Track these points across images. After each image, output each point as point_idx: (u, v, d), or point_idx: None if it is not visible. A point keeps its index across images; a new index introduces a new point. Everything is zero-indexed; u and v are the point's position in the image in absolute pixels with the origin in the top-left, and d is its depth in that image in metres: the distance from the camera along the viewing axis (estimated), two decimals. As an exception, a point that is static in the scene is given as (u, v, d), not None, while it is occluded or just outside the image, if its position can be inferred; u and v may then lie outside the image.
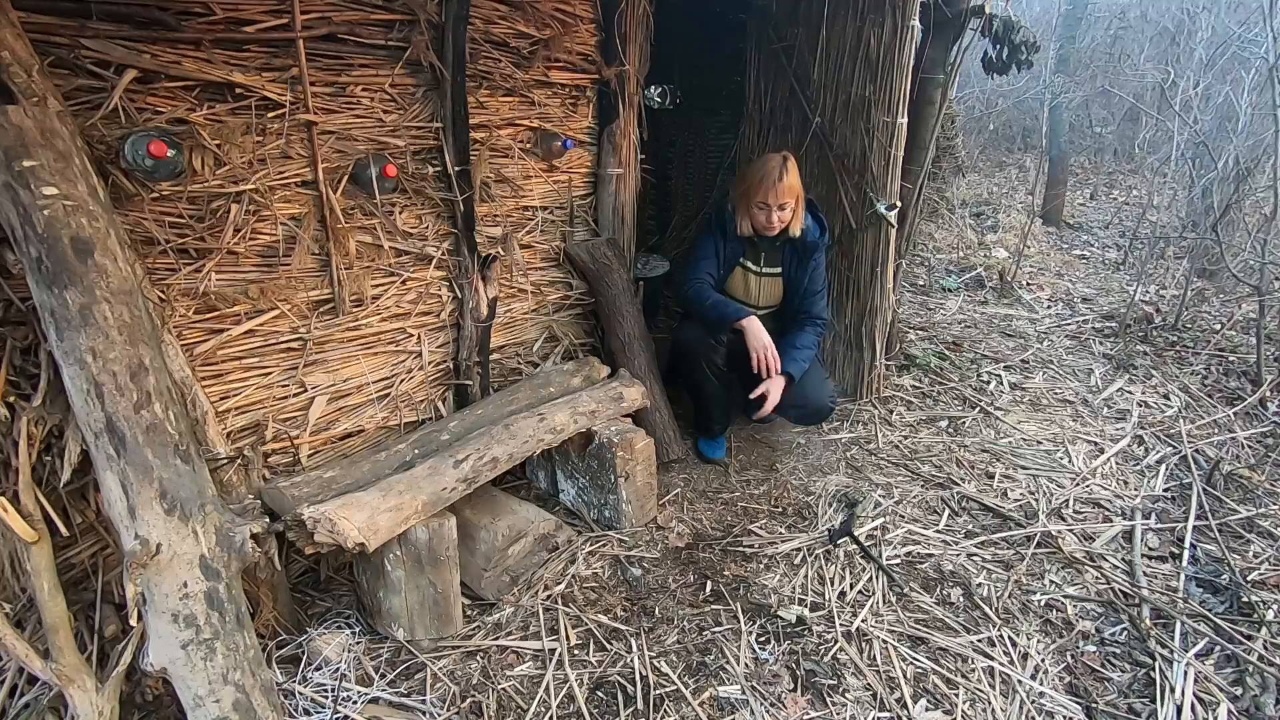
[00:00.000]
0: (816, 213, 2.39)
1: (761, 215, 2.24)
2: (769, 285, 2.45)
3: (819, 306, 2.40)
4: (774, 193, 2.18)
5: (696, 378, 2.41)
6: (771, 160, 2.21)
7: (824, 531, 2.10)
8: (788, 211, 2.24)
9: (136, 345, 1.27)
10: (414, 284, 1.98)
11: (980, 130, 7.85)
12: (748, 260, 2.43)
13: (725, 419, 2.55)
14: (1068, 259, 5.22)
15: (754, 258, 2.43)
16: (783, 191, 2.19)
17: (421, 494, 1.63)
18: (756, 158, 2.30)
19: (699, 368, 2.38)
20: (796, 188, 2.23)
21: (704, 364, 2.37)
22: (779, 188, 2.18)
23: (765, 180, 2.19)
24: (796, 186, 2.23)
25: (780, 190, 2.18)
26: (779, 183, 2.17)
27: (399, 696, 1.56)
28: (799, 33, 2.78)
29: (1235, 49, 5.05)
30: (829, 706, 1.55)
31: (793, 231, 2.29)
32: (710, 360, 2.37)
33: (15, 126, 1.17)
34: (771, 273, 2.43)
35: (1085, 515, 2.22)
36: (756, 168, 2.24)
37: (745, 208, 2.29)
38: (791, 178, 2.20)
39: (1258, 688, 1.58)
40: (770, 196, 2.19)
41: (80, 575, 1.50)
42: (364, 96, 1.76)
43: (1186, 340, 3.55)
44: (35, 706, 1.41)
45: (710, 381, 2.40)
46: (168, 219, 1.49)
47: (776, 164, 2.20)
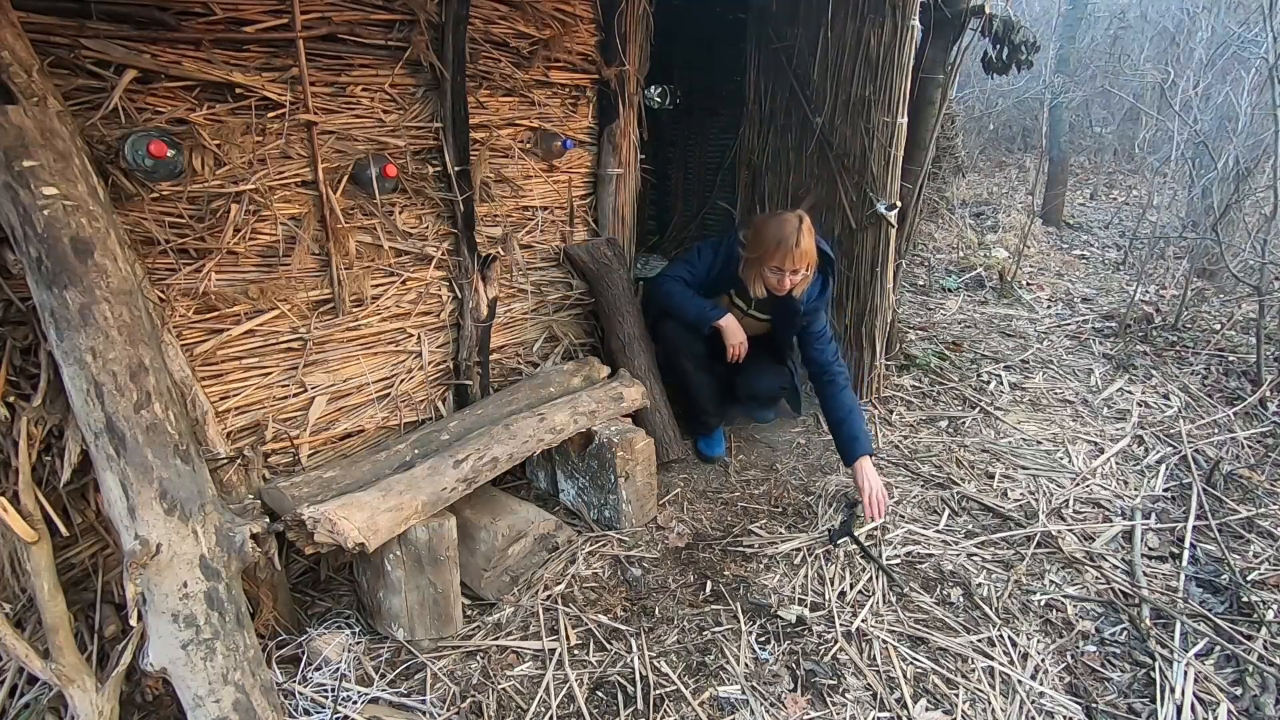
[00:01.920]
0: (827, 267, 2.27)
1: (774, 279, 2.15)
2: (753, 325, 2.41)
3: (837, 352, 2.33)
4: (790, 258, 2.08)
5: (681, 371, 2.41)
6: (788, 224, 2.09)
7: (824, 531, 2.10)
8: (800, 276, 2.15)
9: (136, 345, 1.27)
10: (414, 284, 1.98)
11: (980, 130, 7.86)
12: (738, 299, 2.38)
13: (719, 413, 2.54)
14: (1068, 259, 5.23)
15: (745, 298, 2.36)
16: (799, 257, 2.09)
17: (421, 494, 1.63)
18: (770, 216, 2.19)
19: (681, 361, 2.38)
20: (812, 252, 2.12)
21: (686, 357, 2.37)
22: (795, 254, 2.08)
23: (782, 246, 2.08)
24: (812, 251, 2.12)
25: (797, 256, 2.08)
26: (795, 249, 2.07)
27: (399, 696, 1.56)
28: (799, 33, 2.78)
29: (1235, 49, 5.05)
30: (829, 706, 1.55)
31: (796, 294, 2.22)
32: (692, 352, 2.37)
33: (15, 126, 1.17)
34: (760, 316, 2.40)
35: (1085, 515, 2.22)
36: (773, 230, 2.11)
37: (758, 270, 2.18)
38: (807, 241, 2.09)
39: (1258, 688, 1.58)
40: (787, 262, 2.09)
41: (80, 575, 1.50)
42: (364, 96, 1.76)
43: (1186, 340, 3.55)
44: (35, 706, 1.41)
45: (696, 373, 2.40)
46: (168, 219, 1.49)
47: (793, 228, 2.08)
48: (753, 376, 2.49)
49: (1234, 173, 3.83)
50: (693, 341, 2.37)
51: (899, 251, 2.94)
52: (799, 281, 2.16)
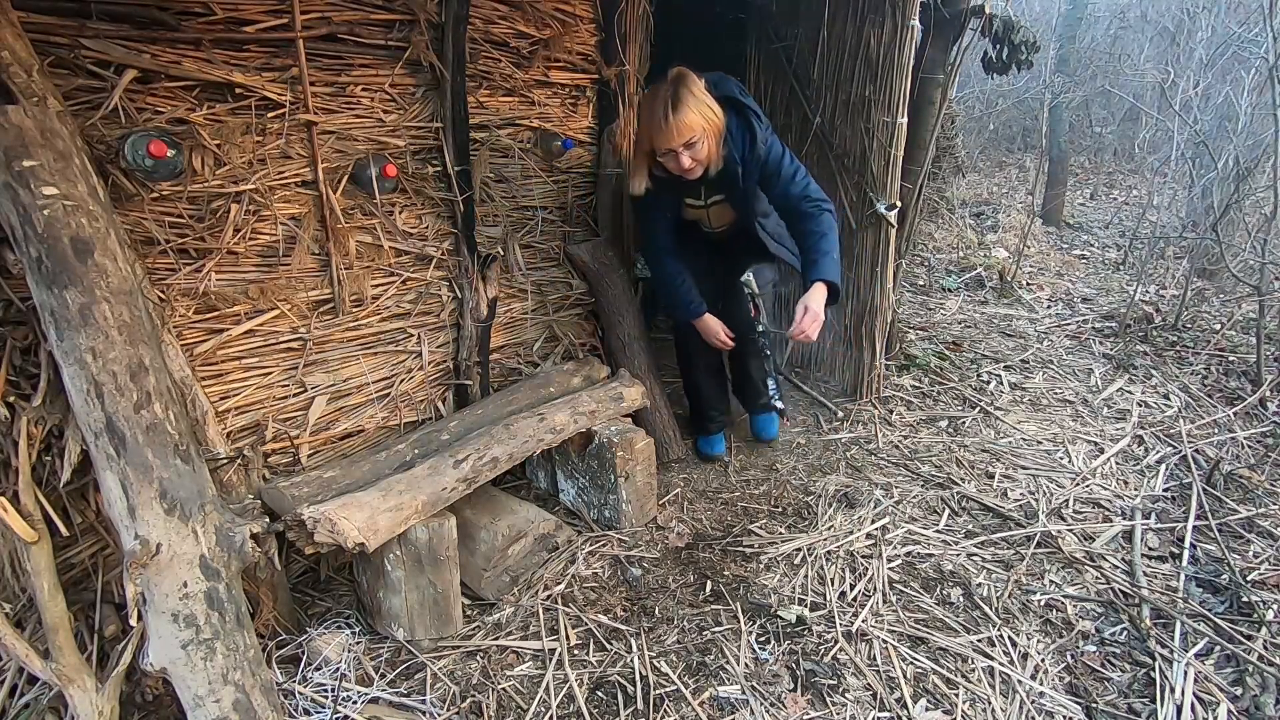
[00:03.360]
0: (746, 115, 1.92)
1: (672, 165, 1.85)
2: (717, 211, 2.22)
3: (809, 189, 1.98)
4: (669, 136, 1.76)
5: (689, 366, 2.38)
6: (656, 100, 1.77)
7: (825, 532, 2.10)
8: (700, 147, 1.82)
9: (136, 345, 1.27)
10: (414, 284, 1.98)
11: (980, 130, 7.86)
12: (689, 197, 2.17)
13: (721, 412, 2.51)
14: (1068, 259, 5.22)
15: (694, 192, 2.14)
16: (680, 131, 1.76)
17: (421, 494, 1.63)
18: (645, 93, 1.92)
19: (689, 355, 2.34)
20: (694, 120, 1.76)
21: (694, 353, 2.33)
22: (672, 130, 1.75)
23: (655, 128, 1.78)
24: (694, 118, 1.76)
25: (676, 132, 1.75)
26: (667, 126, 1.74)
27: (399, 696, 1.56)
28: (799, 33, 2.78)
29: (1235, 49, 5.05)
30: (829, 706, 1.55)
31: (712, 172, 1.90)
32: (702, 348, 2.32)
33: (15, 126, 1.17)
34: (716, 200, 2.18)
35: (1085, 515, 2.22)
36: (644, 114, 1.85)
37: (647, 163, 1.92)
38: (685, 110, 1.74)
39: (1258, 688, 1.58)
40: (668, 141, 1.78)
41: (80, 575, 1.50)
42: (364, 96, 1.76)
43: (1186, 340, 3.55)
44: (35, 706, 1.41)
45: (702, 372, 2.37)
46: (168, 219, 1.49)
47: (662, 102, 1.75)
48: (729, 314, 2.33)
49: (1234, 173, 3.83)
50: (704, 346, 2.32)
51: (899, 251, 2.93)
52: (701, 155, 1.85)
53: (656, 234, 2.20)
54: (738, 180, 1.97)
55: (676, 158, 1.82)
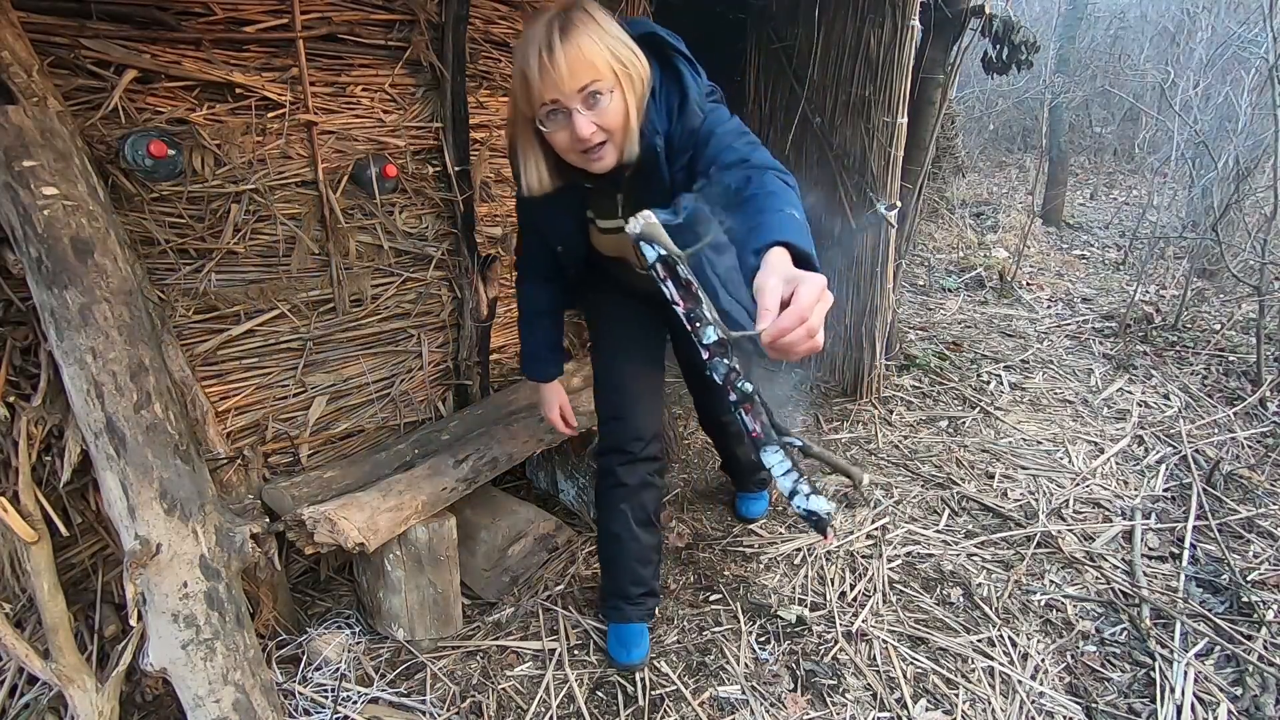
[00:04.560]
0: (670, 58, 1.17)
1: (562, 135, 1.11)
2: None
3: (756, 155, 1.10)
4: (552, 77, 1.04)
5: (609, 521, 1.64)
6: (535, 30, 1.07)
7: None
8: (609, 105, 1.08)
9: (136, 345, 1.27)
10: (414, 284, 1.98)
11: (980, 130, 7.86)
12: (595, 214, 1.36)
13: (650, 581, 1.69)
14: (1068, 259, 5.22)
15: (601, 206, 1.33)
16: (574, 69, 1.04)
17: (421, 494, 1.63)
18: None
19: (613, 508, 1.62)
20: (599, 56, 1.05)
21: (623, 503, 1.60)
22: (559, 66, 1.03)
23: (534, 72, 1.05)
24: (599, 55, 1.05)
25: (567, 69, 1.04)
26: (553, 57, 1.03)
27: (399, 696, 1.56)
28: (799, 33, 2.78)
29: (1235, 49, 5.05)
30: (829, 706, 1.55)
31: (627, 154, 1.15)
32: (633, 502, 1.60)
33: (15, 126, 1.17)
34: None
35: (1085, 515, 2.22)
36: (518, 57, 1.09)
37: (529, 138, 1.18)
38: (585, 42, 1.04)
39: (1258, 688, 1.58)
40: (550, 87, 1.05)
41: (80, 575, 1.50)
42: (364, 96, 1.75)
43: (1186, 340, 3.55)
44: (35, 706, 1.41)
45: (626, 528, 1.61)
46: (168, 219, 1.49)
47: (546, 27, 1.06)
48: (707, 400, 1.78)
49: (1234, 173, 3.83)
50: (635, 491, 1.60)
51: (899, 251, 2.93)
52: (611, 119, 1.10)
53: (531, 262, 1.55)
54: (660, 170, 1.18)
55: (570, 123, 1.08)
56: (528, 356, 1.66)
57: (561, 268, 1.49)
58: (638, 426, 1.57)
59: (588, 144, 1.11)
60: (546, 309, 1.60)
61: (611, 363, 1.60)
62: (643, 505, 1.62)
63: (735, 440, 1.95)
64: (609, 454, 1.60)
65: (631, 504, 1.60)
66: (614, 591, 1.67)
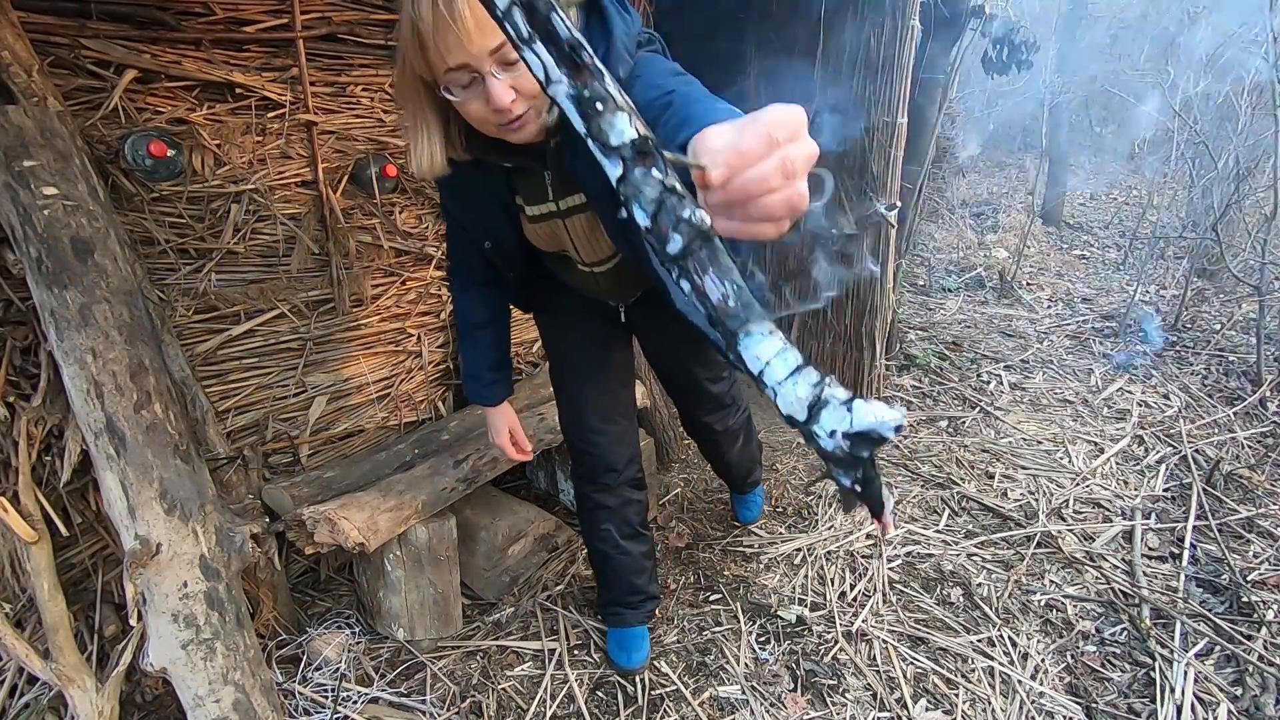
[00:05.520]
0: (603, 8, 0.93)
1: (475, 105, 0.92)
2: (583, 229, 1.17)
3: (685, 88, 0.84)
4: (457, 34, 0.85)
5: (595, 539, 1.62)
6: None
7: (825, 532, 2.10)
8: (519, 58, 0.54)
9: (136, 345, 1.27)
10: (414, 284, 1.98)
11: (980, 130, 7.85)
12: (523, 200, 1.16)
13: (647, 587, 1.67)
14: (1068, 259, 5.22)
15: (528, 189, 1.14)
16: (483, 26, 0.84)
17: (421, 494, 1.63)
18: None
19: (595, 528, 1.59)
20: None
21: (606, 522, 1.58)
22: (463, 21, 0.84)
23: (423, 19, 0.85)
24: None
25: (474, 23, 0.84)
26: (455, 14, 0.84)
27: (399, 696, 1.56)
28: (799, 33, 2.78)
29: (1235, 49, 5.04)
30: (829, 706, 1.55)
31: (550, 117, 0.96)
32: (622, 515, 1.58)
33: (15, 126, 1.17)
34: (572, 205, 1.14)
35: (1085, 515, 2.22)
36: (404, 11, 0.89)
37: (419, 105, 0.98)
38: None
39: (1258, 688, 1.57)
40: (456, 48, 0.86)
41: (80, 575, 1.50)
42: (364, 96, 1.76)
43: (1186, 340, 3.55)
44: (35, 706, 1.41)
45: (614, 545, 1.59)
46: (168, 219, 1.49)
47: None
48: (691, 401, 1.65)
49: (1234, 173, 3.83)
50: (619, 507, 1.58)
51: (899, 251, 2.93)
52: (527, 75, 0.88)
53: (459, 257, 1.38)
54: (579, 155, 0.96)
55: (484, 90, 0.90)
56: (467, 377, 1.47)
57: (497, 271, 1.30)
58: (608, 459, 1.52)
59: (509, 114, 0.92)
60: (483, 320, 1.40)
61: (574, 392, 1.50)
62: (627, 520, 1.59)
63: (726, 441, 1.78)
64: (583, 482, 1.57)
65: (615, 521, 1.58)
66: (612, 600, 1.67)
